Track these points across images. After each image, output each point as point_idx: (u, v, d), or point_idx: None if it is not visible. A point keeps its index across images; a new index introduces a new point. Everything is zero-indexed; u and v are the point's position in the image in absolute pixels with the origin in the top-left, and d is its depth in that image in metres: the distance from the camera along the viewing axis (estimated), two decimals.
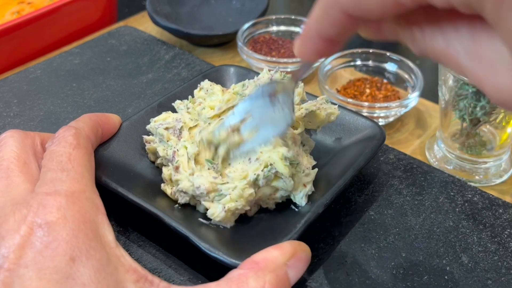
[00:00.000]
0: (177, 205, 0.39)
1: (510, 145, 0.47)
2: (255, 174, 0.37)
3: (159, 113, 0.44)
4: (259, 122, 0.36)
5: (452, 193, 0.43)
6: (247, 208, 0.37)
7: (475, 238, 0.39)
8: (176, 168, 0.39)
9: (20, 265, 0.26)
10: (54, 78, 0.57)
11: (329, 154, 0.43)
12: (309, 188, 0.38)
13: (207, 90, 0.44)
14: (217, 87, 0.44)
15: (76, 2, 0.67)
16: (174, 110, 0.45)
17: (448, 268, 0.37)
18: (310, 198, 0.38)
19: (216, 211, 0.36)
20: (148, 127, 0.43)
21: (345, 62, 0.59)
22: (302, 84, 0.44)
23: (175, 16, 0.69)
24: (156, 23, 0.64)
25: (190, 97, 0.45)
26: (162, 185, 0.40)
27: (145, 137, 0.43)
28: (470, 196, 0.42)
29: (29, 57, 0.64)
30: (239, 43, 0.60)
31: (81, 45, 0.63)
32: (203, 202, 0.37)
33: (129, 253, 0.37)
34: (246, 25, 0.63)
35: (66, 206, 0.29)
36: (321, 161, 0.42)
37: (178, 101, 0.45)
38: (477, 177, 0.47)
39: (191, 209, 0.39)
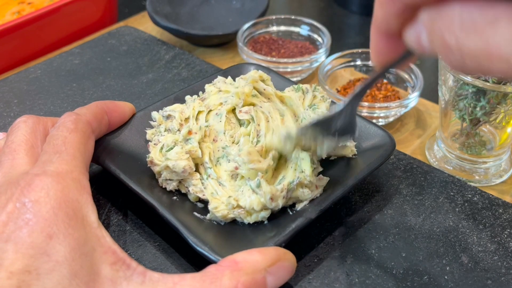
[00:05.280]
0: (175, 197, 0.39)
1: (510, 145, 0.47)
2: (290, 182, 0.36)
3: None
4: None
5: (452, 193, 0.43)
6: None
7: (475, 238, 0.39)
8: (151, 162, 0.39)
9: (1, 239, 0.27)
10: (54, 78, 0.57)
11: (337, 159, 0.42)
12: (320, 191, 0.38)
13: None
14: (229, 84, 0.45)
15: (76, 2, 0.67)
16: None
17: (448, 268, 0.37)
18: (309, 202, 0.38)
19: (220, 206, 0.37)
20: (152, 113, 0.44)
21: (345, 62, 0.59)
22: (330, 100, 0.45)
23: (175, 16, 0.69)
24: (156, 23, 0.64)
25: (200, 92, 0.45)
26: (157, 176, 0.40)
27: (151, 122, 0.44)
28: (470, 196, 0.42)
29: (29, 57, 0.64)
30: (239, 43, 0.60)
31: (81, 45, 0.63)
32: (209, 198, 0.38)
33: (129, 253, 0.37)
34: (246, 25, 0.63)
35: (50, 185, 0.30)
36: (327, 166, 0.42)
37: (188, 96, 0.45)
38: (477, 177, 0.47)
39: (189, 203, 0.39)
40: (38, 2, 0.70)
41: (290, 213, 0.38)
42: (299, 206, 0.38)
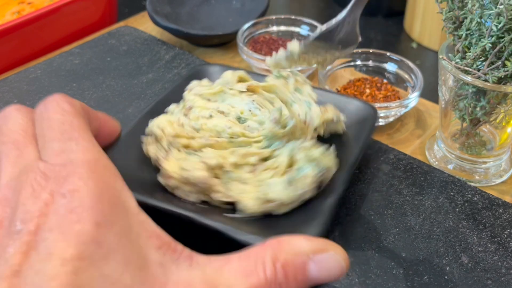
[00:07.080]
0: (197, 204, 0.38)
1: (510, 145, 0.47)
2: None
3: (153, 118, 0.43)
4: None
5: (452, 193, 0.43)
6: None
7: (475, 238, 0.39)
8: (166, 176, 0.37)
9: (44, 230, 0.26)
10: (54, 78, 0.57)
11: (328, 140, 0.43)
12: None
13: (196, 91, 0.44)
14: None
15: (76, 2, 0.67)
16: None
17: (448, 268, 0.37)
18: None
19: (249, 203, 0.36)
20: (147, 128, 0.42)
21: (345, 62, 0.59)
22: (310, 82, 0.45)
23: (175, 16, 0.69)
24: (156, 23, 0.64)
25: (181, 101, 0.44)
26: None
27: (144, 137, 0.42)
28: (470, 196, 0.42)
29: (29, 57, 0.64)
30: (239, 43, 0.60)
31: (81, 45, 0.63)
32: (237, 198, 0.37)
33: None
34: (246, 25, 0.63)
35: (86, 175, 0.28)
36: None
37: (173, 105, 0.43)
38: (477, 177, 0.47)
39: (214, 207, 0.38)
40: (38, 2, 0.70)
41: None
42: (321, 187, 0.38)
